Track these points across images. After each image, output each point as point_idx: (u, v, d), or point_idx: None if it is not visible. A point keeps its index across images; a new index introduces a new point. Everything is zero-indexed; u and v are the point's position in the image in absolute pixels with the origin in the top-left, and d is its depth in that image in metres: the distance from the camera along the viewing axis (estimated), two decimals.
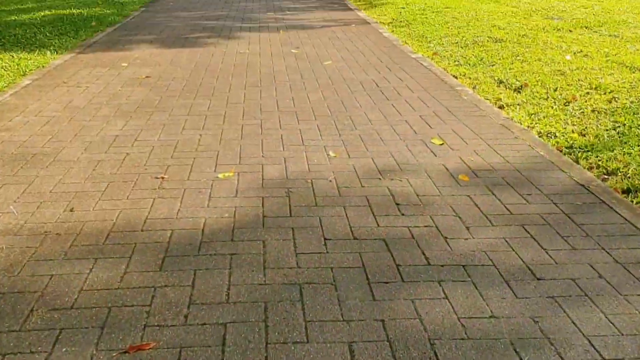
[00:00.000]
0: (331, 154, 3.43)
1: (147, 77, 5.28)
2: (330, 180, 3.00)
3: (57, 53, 6.25)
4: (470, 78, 5.51)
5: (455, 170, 3.18)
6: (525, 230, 2.56)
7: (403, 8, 9.95)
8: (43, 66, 5.64)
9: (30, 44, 6.67)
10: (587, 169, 3.35)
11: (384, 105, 4.53)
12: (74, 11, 9.21)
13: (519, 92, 4.95)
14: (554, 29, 7.77)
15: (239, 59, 6.15)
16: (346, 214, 2.64)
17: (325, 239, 2.41)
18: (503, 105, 4.61)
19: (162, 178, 2.99)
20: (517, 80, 5.31)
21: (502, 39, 7.18)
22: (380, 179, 3.04)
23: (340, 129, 3.91)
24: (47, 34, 7.21)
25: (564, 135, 3.84)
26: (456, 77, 5.57)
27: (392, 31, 8.10)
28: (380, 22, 8.84)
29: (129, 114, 4.16)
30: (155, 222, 2.52)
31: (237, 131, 3.83)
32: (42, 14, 8.95)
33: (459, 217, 2.64)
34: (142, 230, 2.44)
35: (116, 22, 8.39)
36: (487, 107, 4.55)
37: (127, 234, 2.41)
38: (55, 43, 6.72)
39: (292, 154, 3.41)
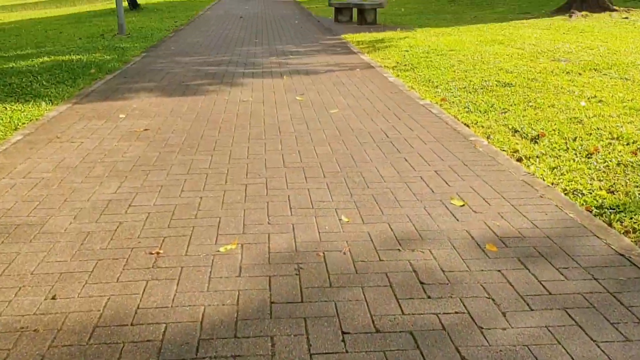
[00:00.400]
0: (343, 218, 3.15)
1: (145, 130, 5.04)
2: (345, 253, 2.71)
3: (52, 104, 6.05)
4: (483, 127, 5.27)
5: (481, 237, 2.89)
6: (569, 315, 2.25)
7: (406, 51, 9.83)
8: (37, 119, 5.42)
9: (25, 93, 6.48)
10: (623, 233, 3.06)
11: (396, 159, 4.27)
12: (74, 57, 9.09)
13: (536, 143, 4.69)
14: (563, 72, 7.59)
15: (242, 108, 5.93)
16: (365, 298, 2.33)
17: (343, 332, 2.10)
18: (521, 158, 4.35)
19: (157, 253, 2.70)
20: (532, 129, 5.06)
21: (511, 83, 6.99)
22: (399, 250, 2.74)
23: (352, 188, 3.64)
24: (44, 83, 7.03)
25: (591, 193, 3.55)
26: (468, 126, 5.34)
27: (398, 75, 7.93)
28: (384, 66, 8.69)
29: (124, 173, 3.89)
30: (148, 313, 2.22)
31: (241, 192, 3.56)
32: (41, 60, 8.83)
33: (493, 300, 2.33)
34: (132, 325, 2.13)
35: (116, 69, 8.24)
36: (504, 159, 4.28)
37: (115, 330, 2.10)
38: (52, 92, 6.53)
39: (301, 220, 3.12)
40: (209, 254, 2.71)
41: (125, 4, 21.26)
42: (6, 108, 5.82)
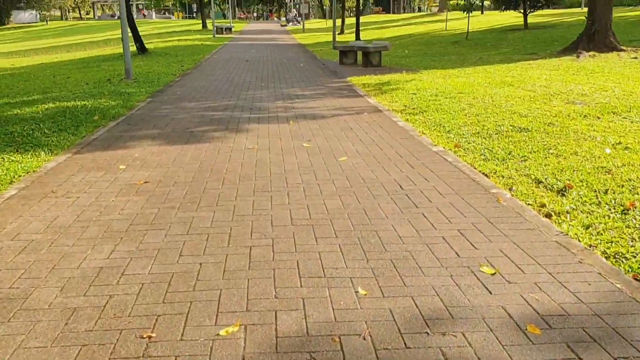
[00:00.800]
0: (360, 290, 2.80)
1: (145, 182, 4.76)
2: (364, 338, 2.35)
3: (52, 153, 5.80)
4: (503, 176, 4.96)
5: (520, 316, 2.53)
6: None
7: (414, 94, 9.64)
8: (34, 170, 5.15)
9: (25, 143, 6.25)
10: None
11: (414, 215, 3.95)
12: (78, 103, 8.93)
13: (564, 196, 4.37)
14: (580, 116, 7.32)
15: (247, 157, 5.67)
16: None
17: None
18: (550, 214, 4.02)
19: (149, 337, 2.36)
20: (557, 179, 4.75)
21: (527, 128, 6.71)
22: (427, 333, 2.39)
23: (367, 251, 3.31)
24: (46, 131, 6.82)
25: (635, 257, 3.20)
26: (487, 176, 5.03)
27: (407, 120, 7.69)
28: (392, 109, 8.47)
29: (119, 235, 3.58)
30: None
31: (244, 257, 3.23)
32: (46, 107, 8.66)
33: None
34: None
35: (120, 115, 8.04)
36: (532, 216, 3.95)
37: None
38: (53, 141, 6.30)
39: (312, 293, 2.78)
40: (207, 338, 2.36)
41: (133, 48, 21.44)
42: (4, 159, 5.57)
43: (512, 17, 30.54)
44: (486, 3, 31.06)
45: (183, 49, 22.09)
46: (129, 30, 20.58)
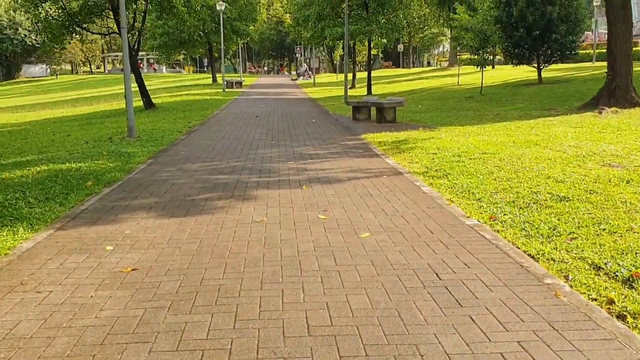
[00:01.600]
0: None
1: (133, 269, 4.04)
2: None
3: (32, 229, 5.12)
4: (554, 260, 4.20)
5: None
6: None
7: (435, 154, 8.99)
8: (6, 254, 4.45)
9: (5, 215, 5.58)
10: None
11: (460, 319, 3.18)
12: (73, 165, 8.35)
13: (632, 287, 3.60)
14: (623, 181, 6.59)
15: (255, 233, 4.95)
16: None
17: None
18: (624, 315, 3.24)
19: None
20: (619, 265, 3.98)
21: (567, 197, 5.98)
22: None
23: None
24: (31, 200, 6.17)
25: None
26: (535, 259, 4.27)
27: (431, 184, 7.00)
28: (413, 171, 7.80)
29: (90, 351, 2.83)
30: None
31: None
32: (37, 169, 8.07)
33: None
34: None
35: (116, 180, 7.41)
36: (603, 318, 3.18)
37: None
38: (36, 213, 5.64)
39: None
40: None
41: (139, 103, 21.20)
42: None
43: (524, 72, 30.35)
44: (497, 57, 31.00)
45: (191, 104, 21.83)
46: (135, 85, 20.53)
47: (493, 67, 41.14)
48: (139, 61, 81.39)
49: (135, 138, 11.49)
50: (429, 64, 76.39)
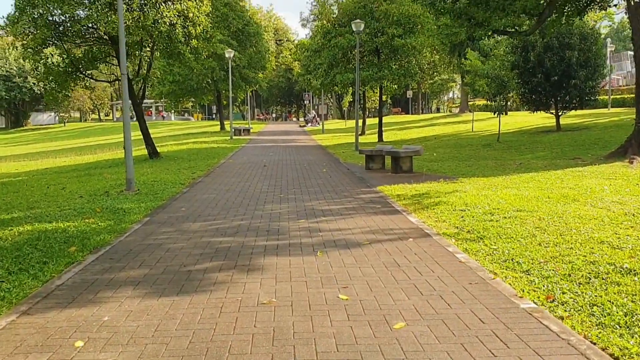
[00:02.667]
0: None
1: None
2: None
3: None
4: None
5: None
6: None
7: (463, 211, 8.05)
8: None
9: None
10: None
11: None
12: (61, 225, 7.47)
13: None
14: None
15: (261, 322, 3.98)
16: None
17: None
18: None
19: None
20: None
21: (634, 270, 5.00)
22: None
23: None
24: (1, 272, 5.25)
25: None
26: None
27: (466, 250, 6.03)
28: (443, 233, 6.84)
29: None
30: None
31: None
32: (20, 230, 7.20)
33: None
34: None
35: (105, 244, 6.50)
36: None
37: None
38: (2, 290, 4.71)
39: None
40: None
41: (143, 152, 20.55)
42: None
43: (539, 118, 29.68)
44: (509, 103, 30.45)
45: (197, 153, 21.15)
46: (139, 133, 20.00)
47: (506, 114, 40.56)
48: (148, 109, 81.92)
49: (133, 192, 10.65)
50: (438, 110, 76.24)
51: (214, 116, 76.47)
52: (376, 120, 40.07)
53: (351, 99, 52.46)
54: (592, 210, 7.70)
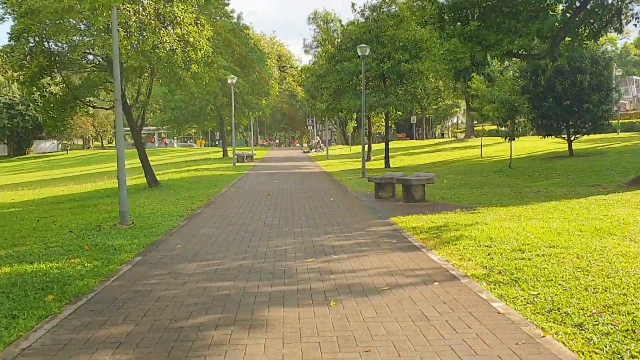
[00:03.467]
0: None
1: None
2: None
3: None
4: None
5: None
6: None
7: (489, 247, 7.25)
8: None
9: None
10: None
11: None
12: (42, 266, 6.70)
13: None
14: None
15: None
16: None
17: None
18: None
19: None
20: None
21: None
22: None
23: None
24: None
25: None
26: None
27: (501, 296, 5.23)
28: (471, 275, 6.04)
29: None
30: None
31: None
32: None
33: None
34: None
35: (87, 291, 5.70)
36: None
37: None
38: None
39: None
40: None
41: (143, 180, 19.85)
42: None
43: (548, 143, 28.98)
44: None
45: (198, 181, 20.42)
46: (131, 162, 19.38)
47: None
48: (150, 136, 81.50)
49: (127, 225, 9.88)
50: (442, 135, 75.68)
51: (217, 142, 76.13)
52: (381, 145, 39.48)
53: (355, 125, 51.99)
54: (634, 246, 6.88)
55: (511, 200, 12.10)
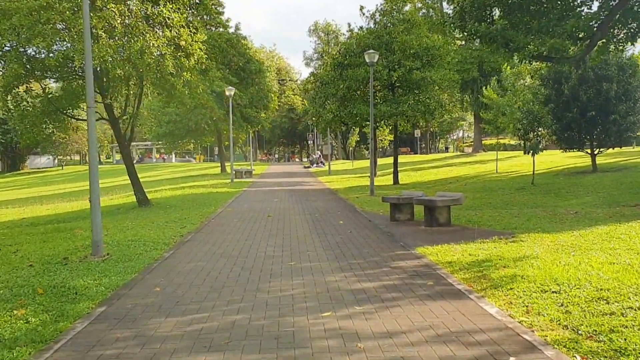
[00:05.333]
0: None
1: None
2: None
3: None
4: None
5: None
6: None
7: (557, 293, 5.59)
8: None
9: None
10: None
11: None
12: None
13: None
14: None
15: None
16: None
17: None
18: None
19: None
20: None
21: None
22: None
23: None
24: None
25: None
26: None
27: None
28: (553, 342, 4.34)
29: None
30: None
31: None
32: None
33: None
34: None
35: None
36: None
37: None
38: None
39: None
40: None
41: (133, 199, 18.16)
42: None
43: (567, 158, 27.34)
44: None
45: (192, 199, 18.72)
46: (126, 178, 17.67)
47: (526, 153, 38.09)
48: (149, 151, 79.71)
49: (100, 258, 8.18)
50: (446, 149, 74.00)
51: (215, 157, 74.54)
52: (385, 160, 37.91)
53: (358, 139, 50.34)
54: None
55: (551, 225, 10.41)
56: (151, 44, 13.61)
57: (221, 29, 35.91)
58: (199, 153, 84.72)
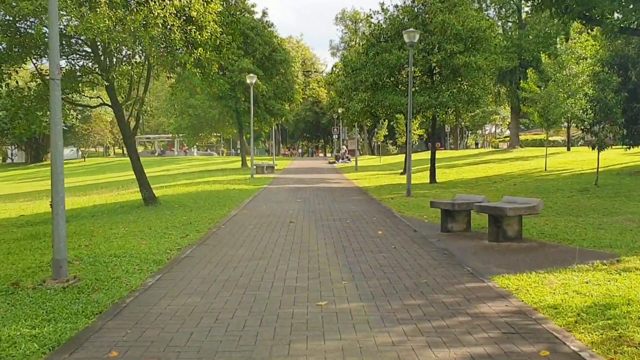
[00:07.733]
0: None
1: None
2: None
3: None
4: None
5: None
6: None
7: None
8: None
9: None
10: None
11: None
12: None
13: None
14: None
15: None
16: None
17: None
18: None
19: None
20: None
21: None
22: None
23: None
24: None
25: None
26: None
27: None
28: None
29: None
30: None
31: None
32: None
33: None
34: None
35: None
36: None
37: None
38: None
39: None
40: None
41: (138, 196, 16.13)
42: None
43: (619, 155, 24.50)
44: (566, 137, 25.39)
45: (205, 198, 16.57)
46: (131, 173, 15.58)
47: (569, 149, 35.27)
48: (170, 143, 78.32)
49: (62, 283, 6.02)
50: (477, 145, 70.72)
51: (238, 151, 72.80)
52: (414, 156, 35.60)
53: (386, 133, 47.77)
54: None
55: None
56: (157, 14, 11.47)
57: (247, 15, 33.77)
58: (222, 146, 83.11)
